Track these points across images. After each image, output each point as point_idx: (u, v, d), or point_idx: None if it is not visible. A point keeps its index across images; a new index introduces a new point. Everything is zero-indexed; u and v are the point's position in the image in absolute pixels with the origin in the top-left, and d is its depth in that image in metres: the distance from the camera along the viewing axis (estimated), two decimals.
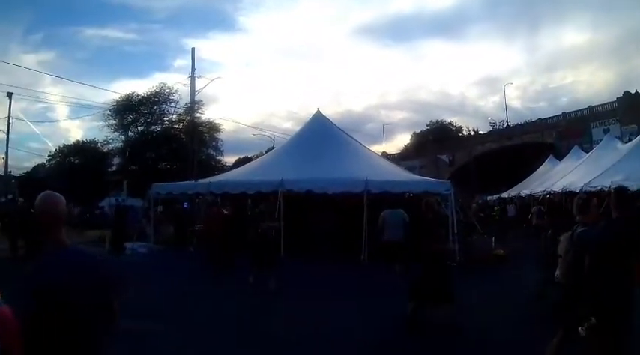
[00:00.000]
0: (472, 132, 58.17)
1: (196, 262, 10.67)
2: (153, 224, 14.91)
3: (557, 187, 18.68)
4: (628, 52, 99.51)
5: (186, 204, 17.90)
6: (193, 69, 22.64)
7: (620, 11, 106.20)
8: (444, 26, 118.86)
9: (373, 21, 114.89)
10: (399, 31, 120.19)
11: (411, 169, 26.87)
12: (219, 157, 42.72)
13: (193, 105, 26.99)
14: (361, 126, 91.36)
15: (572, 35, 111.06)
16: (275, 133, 46.65)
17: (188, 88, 23.26)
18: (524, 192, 23.20)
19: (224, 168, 35.49)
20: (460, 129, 61.63)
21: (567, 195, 16.94)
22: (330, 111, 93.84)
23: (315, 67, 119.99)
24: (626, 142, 20.78)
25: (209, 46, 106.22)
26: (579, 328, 3.17)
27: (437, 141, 55.08)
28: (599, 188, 14.17)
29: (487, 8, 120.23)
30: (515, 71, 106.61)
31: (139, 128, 39.52)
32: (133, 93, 38.68)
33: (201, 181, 15.90)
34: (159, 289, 7.83)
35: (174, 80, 48.35)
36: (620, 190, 3.58)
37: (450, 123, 62.35)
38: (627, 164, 15.00)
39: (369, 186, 11.53)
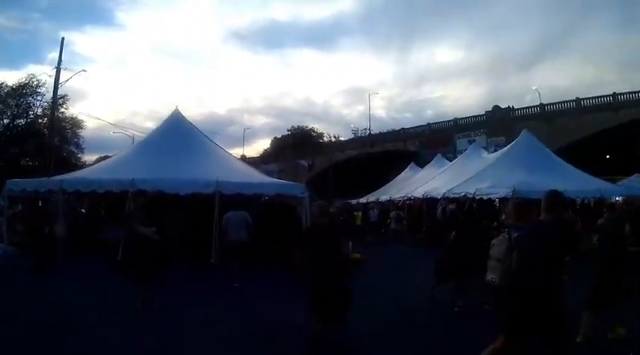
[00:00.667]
0: (333, 139, 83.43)
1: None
2: (7, 223, 18.49)
3: (418, 193, 26.55)
4: (498, 70, 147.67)
5: (40, 202, 21.31)
6: (60, 60, 32.34)
7: (494, 32, 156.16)
8: (317, 36, 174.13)
9: (247, 26, 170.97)
10: (272, 38, 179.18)
11: (269, 173, 34.98)
12: (80, 155, 57.92)
13: (56, 99, 36.93)
14: (224, 128, 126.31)
15: (445, 53, 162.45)
16: (135, 132, 59.58)
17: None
18: (384, 198, 32.15)
19: (84, 167, 42.87)
20: (321, 135, 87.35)
21: (428, 200, 25.14)
22: (194, 113, 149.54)
23: (185, 68, 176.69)
24: (492, 152, 30.40)
25: (85, 40, 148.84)
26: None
27: (297, 146, 76.98)
28: (463, 194, 21.33)
29: (362, 22, 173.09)
30: (384, 83, 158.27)
31: (5, 121, 52.24)
32: (2, 83, 51.37)
33: (53, 178, 20.21)
34: None
35: (45, 73, 59.73)
36: (553, 193, 5.39)
37: (312, 130, 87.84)
38: (494, 172, 22.43)
39: (221, 187, 16.03)
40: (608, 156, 57.58)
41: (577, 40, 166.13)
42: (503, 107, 59.12)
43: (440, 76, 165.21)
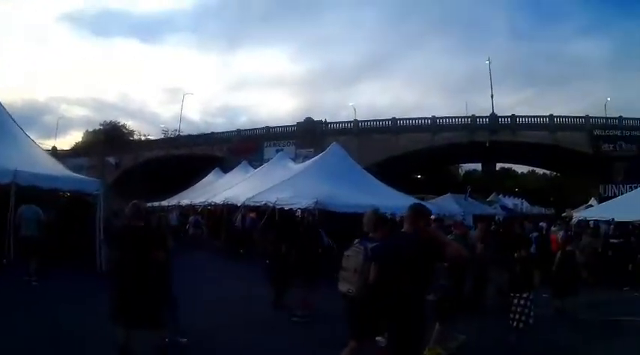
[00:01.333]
0: (142, 138, 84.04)
1: None
2: None
3: (219, 199, 25.76)
4: (319, 84, 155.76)
5: None
6: None
7: (321, 46, 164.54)
8: (146, 29, 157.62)
9: (79, 11, 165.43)
10: (102, 25, 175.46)
11: (78, 168, 34.22)
12: None
13: None
14: (40, 117, 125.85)
15: (269, 61, 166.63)
16: None
17: None
18: (185, 202, 31.23)
19: None
20: (132, 133, 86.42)
21: (228, 207, 24.39)
22: (15, 98, 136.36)
23: (16, 46, 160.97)
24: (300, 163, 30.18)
25: None
26: (377, 338, 5.65)
27: (107, 142, 76.52)
28: (264, 202, 20.92)
29: (193, 20, 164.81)
30: (204, 85, 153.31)
31: None
32: None
33: None
34: None
35: None
36: (416, 206, 5.87)
37: (123, 126, 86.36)
38: (298, 182, 22.12)
39: (18, 178, 14.42)
40: (419, 176, 62.22)
41: (403, 62, 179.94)
42: (317, 120, 61.49)
43: (260, 84, 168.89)
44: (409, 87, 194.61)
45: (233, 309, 11.15)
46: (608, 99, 74.33)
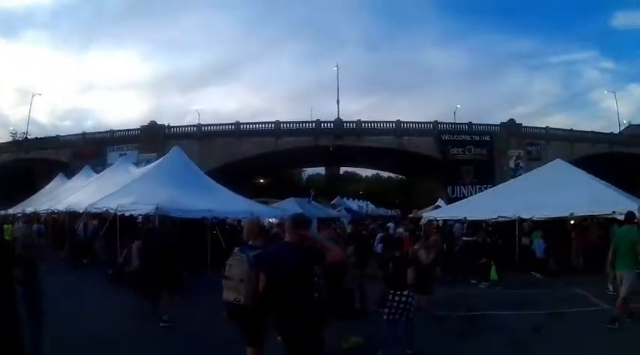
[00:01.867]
0: None
1: None
2: None
3: (62, 206, 25.22)
4: (166, 87, 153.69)
5: None
6: None
7: (171, 49, 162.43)
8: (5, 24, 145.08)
9: None
10: None
11: None
12: None
13: None
14: None
15: (121, 63, 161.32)
16: None
17: None
18: (29, 210, 29.91)
19: None
20: None
21: (70, 215, 24.07)
22: None
23: None
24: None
25: None
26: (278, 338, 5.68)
27: None
28: (105, 209, 20.67)
29: (50, 15, 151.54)
30: (55, 86, 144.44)
31: None
32: None
33: None
34: None
35: None
36: (298, 215, 6.33)
37: None
38: (139, 187, 22.16)
39: None
40: (262, 180, 63.17)
41: (252, 68, 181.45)
42: (161, 123, 61.32)
43: (110, 86, 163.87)
44: (257, 93, 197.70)
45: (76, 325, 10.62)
46: (458, 106, 78.99)
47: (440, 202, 64.75)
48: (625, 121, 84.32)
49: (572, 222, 22.33)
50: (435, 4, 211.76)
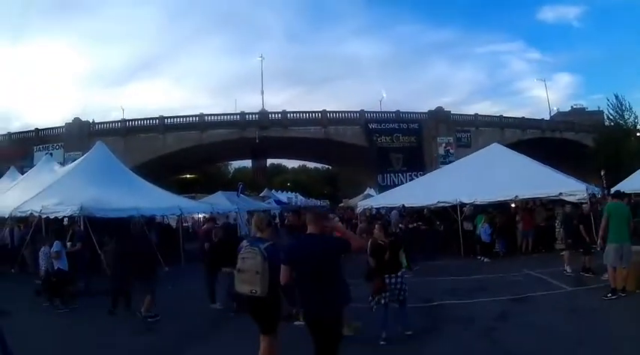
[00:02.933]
0: None
1: None
2: None
3: None
4: (92, 83, 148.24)
5: None
6: None
7: (96, 44, 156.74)
8: None
9: None
10: None
11: None
12: None
13: None
14: None
15: (50, 58, 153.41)
16: None
17: None
18: None
19: None
20: None
21: None
22: None
23: None
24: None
25: None
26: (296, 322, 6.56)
27: None
28: (29, 212, 19.44)
29: None
30: None
31: None
32: None
33: None
34: None
35: None
36: (316, 210, 8.20)
37: None
38: (64, 187, 21.00)
39: None
40: (189, 175, 61.90)
41: (176, 62, 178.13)
42: (84, 120, 58.70)
43: (36, 84, 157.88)
44: (182, 87, 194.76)
45: None
46: (384, 95, 79.69)
47: (370, 191, 65.16)
48: (555, 108, 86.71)
49: (515, 205, 22.64)
50: None
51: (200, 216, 26.02)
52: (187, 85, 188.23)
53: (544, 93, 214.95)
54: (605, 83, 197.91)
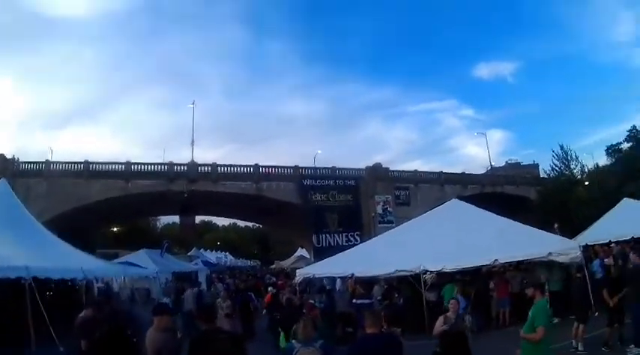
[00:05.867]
0: None
1: None
2: None
3: None
4: (27, 124, 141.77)
5: None
6: None
7: (36, 83, 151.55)
8: None
9: None
10: None
11: None
12: None
13: None
14: None
15: None
16: None
17: None
18: None
19: None
20: None
21: None
22: None
23: None
24: None
25: None
26: None
27: None
28: None
29: None
30: None
31: None
32: None
33: None
34: None
35: None
36: (376, 311, 7.88)
37: None
38: None
39: None
40: (115, 229, 57.40)
41: (112, 110, 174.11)
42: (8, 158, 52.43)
43: None
44: (114, 136, 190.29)
45: None
46: (319, 152, 77.61)
47: (302, 252, 62.04)
48: (490, 164, 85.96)
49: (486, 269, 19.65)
50: (296, 53, 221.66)
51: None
52: (121, 136, 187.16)
53: (476, 150, 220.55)
54: (537, 138, 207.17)
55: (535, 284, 9.73)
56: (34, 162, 53.37)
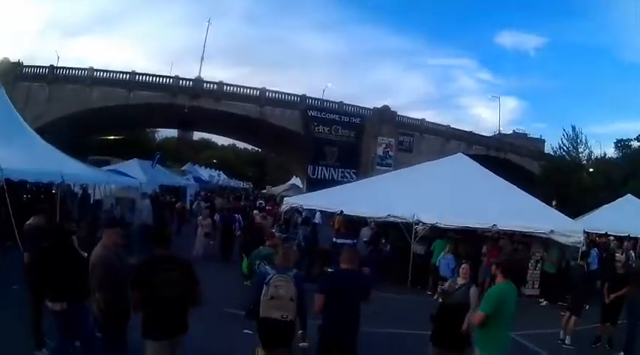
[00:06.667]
0: None
1: None
2: None
3: None
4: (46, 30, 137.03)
5: None
6: None
7: None
8: None
9: None
10: None
11: None
12: None
13: None
14: None
15: None
16: None
17: None
18: None
19: None
20: None
21: None
22: None
23: None
24: None
25: None
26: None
27: None
28: None
29: None
30: None
31: None
32: None
33: None
34: None
35: None
36: (353, 249, 8.40)
37: None
38: None
39: None
40: (112, 137, 56.29)
41: (129, 20, 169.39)
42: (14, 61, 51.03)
43: None
44: (128, 48, 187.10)
45: None
46: (329, 85, 75.14)
47: (295, 181, 61.07)
48: (498, 129, 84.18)
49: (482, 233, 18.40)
50: None
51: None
52: (133, 49, 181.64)
53: (486, 114, 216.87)
54: (549, 114, 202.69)
55: (500, 262, 7.69)
56: (38, 66, 52.05)
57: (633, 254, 21.12)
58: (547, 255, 16.86)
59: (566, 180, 50.18)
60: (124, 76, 53.06)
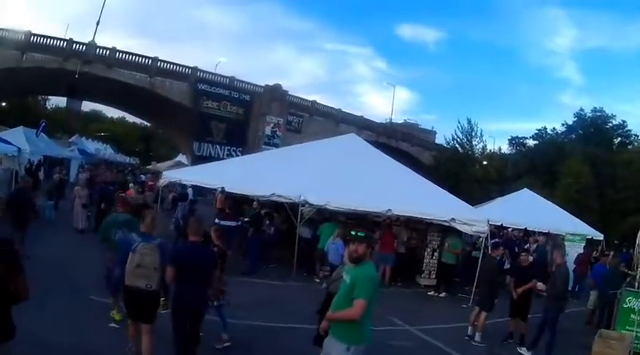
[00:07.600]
0: None
1: None
2: None
3: None
4: None
5: None
6: None
7: None
8: None
9: None
10: None
11: None
12: None
13: None
14: None
15: None
16: None
17: None
18: None
19: None
20: None
21: None
22: None
23: None
24: None
25: None
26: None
27: None
28: None
29: None
30: None
31: None
32: None
33: None
34: None
35: None
36: (199, 219, 7.74)
37: None
38: None
39: None
40: (4, 104, 52.15)
41: None
42: None
43: None
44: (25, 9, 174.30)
45: None
46: (223, 59, 73.26)
47: (182, 158, 59.29)
48: (393, 117, 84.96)
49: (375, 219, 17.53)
50: None
51: None
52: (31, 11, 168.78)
53: (378, 102, 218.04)
54: (441, 107, 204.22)
55: (367, 238, 5.69)
56: None
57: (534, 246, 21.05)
58: (447, 246, 16.04)
59: (457, 171, 51.03)
60: (20, 35, 47.35)
